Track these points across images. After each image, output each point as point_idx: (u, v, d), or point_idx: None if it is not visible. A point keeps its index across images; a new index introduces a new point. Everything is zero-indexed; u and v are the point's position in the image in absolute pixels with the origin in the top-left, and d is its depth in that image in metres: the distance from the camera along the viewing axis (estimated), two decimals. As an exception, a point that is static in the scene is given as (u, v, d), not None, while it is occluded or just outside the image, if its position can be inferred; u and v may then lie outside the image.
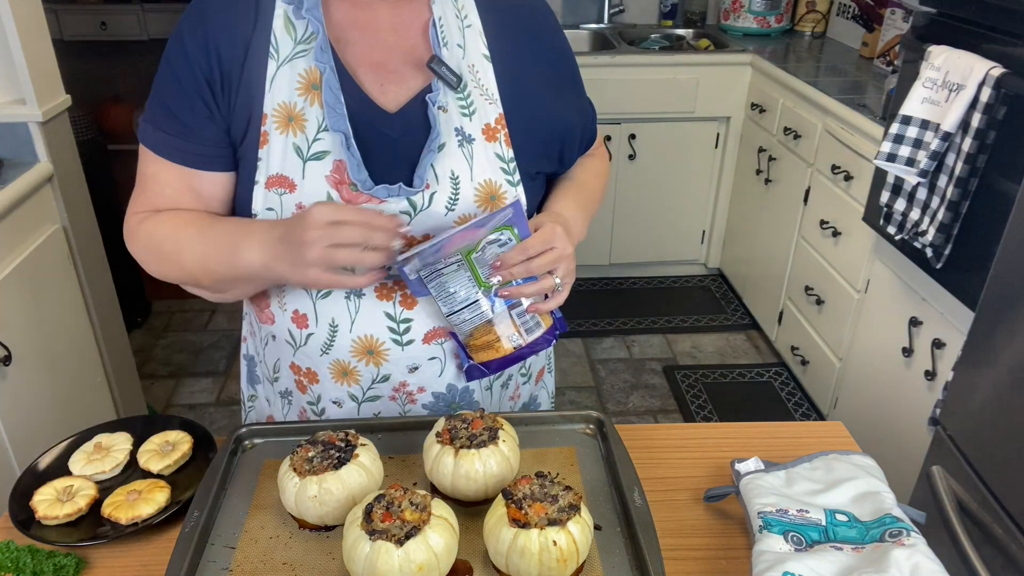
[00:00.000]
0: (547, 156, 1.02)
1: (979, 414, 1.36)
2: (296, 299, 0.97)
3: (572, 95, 1.06)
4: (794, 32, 3.45)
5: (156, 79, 0.94)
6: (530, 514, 0.75)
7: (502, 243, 0.90)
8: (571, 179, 1.09)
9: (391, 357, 0.97)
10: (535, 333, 0.98)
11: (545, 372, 1.21)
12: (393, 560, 0.72)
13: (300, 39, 0.90)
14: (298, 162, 0.90)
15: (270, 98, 0.90)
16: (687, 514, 0.94)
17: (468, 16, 0.95)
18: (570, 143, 1.05)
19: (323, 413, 1.04)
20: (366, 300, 0.95)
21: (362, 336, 0.96)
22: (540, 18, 1.02)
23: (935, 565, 0.75)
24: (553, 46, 1.02)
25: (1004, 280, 1.31)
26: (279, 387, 1.07)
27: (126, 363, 2.33)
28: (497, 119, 0.95)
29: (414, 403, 1.02)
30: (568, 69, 1.05)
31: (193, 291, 1.00)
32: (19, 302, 1.76)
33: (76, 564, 0.85)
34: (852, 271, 2.32)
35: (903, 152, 1.77)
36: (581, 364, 2.99)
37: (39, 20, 1.89)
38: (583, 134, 1.08)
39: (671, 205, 3.38)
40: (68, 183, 1.99)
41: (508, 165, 0.96)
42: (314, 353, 0.99)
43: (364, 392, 1.01)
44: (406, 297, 0.96)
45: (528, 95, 0.98)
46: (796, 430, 1.12)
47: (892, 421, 2.09)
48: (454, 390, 1.03)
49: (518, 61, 0.97)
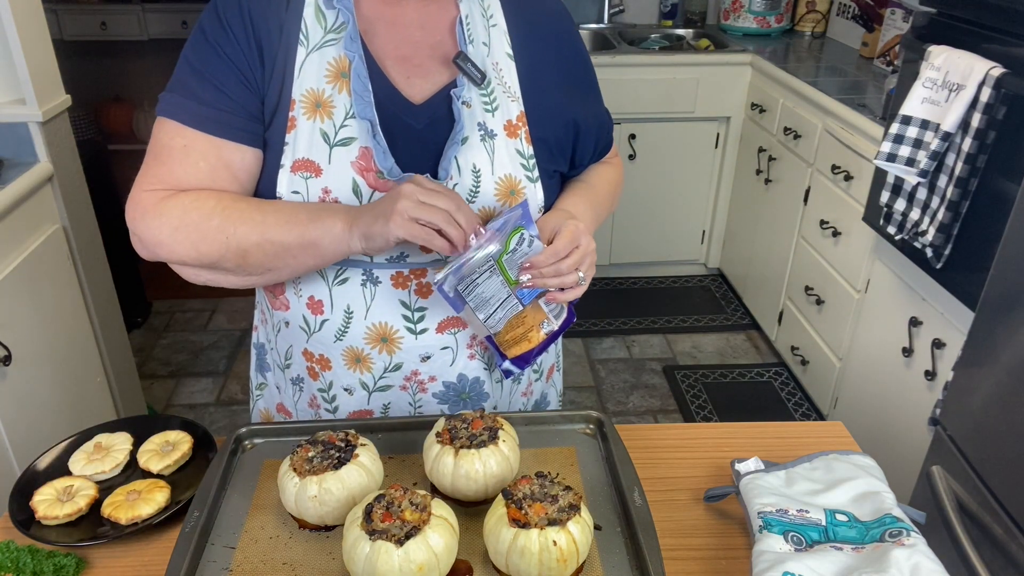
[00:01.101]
0: (562, 155, 1.05)
1: (979, 414, 1.36)
2: (312, 285, 0.98)
3: (589, 99, 1.08)
4: (794, 32, 3.45)
5: (187, 50, 0.93)
6: (530, 514, 0.75)
7: (524, 239, 0.92)
8: (584, 181, 1.11)
9: (404, 345, 0.99)
10: (561, 318, 1.00)
11: (555, 370, 1.22)
12: (393, 560, 0.72)
13: (330, 28, 0.93)
14: (324, 147, 0.92)
15: (299, 84, 0.92)
16: (687, 514, 0.94)
17: (494, 16, 0.98)
18: (583, 146, 1.07)
19: (334, 400, 1.05)
20: (382, 288, 0.96)
21: (377, 323, 0.97)
22: (562, 24, 1.05)
23: (935, 565, 0.75)
24: (573, 51, 1.05)
25: (1004, 280, 1.31)
26: (291, 374, 1.08)
27: (126, 363, 2.33)
28: (518, 116, 0.97)
29: (425, 392, 1.03)
30: (586, 74, 1.08)
31: (208, 277, 0.95)
32: (19, 302, 1.76)
33: (76, 564, 0.85)
34: (852, 271, 2.32)
35: (903, 152, 1.77)
36: (581, 364, 2.98)
37: (39, 20, 1.89)
38: (598, 140, 1.10)
39: (671, 205, 3.38)
40: (68, 183, 1.99)
41: (528, 162, 0.98)
42: (328, 339, 1.00)
43: (376, 380, 1.01)
44: (421, 286, 0.97)
45: (547, 95, 1.00)
46: (796, 430, 1.12)
47: (892, 421, 2.09)
48: (465, 380, 1.04)
49: (540, 62, 1.00)
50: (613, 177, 1.16)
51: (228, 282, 0.96)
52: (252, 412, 1.20)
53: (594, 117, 1.08)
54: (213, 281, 0.96)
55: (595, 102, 1.10)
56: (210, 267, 0.93)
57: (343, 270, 0.96)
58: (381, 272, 0.96)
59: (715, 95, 3.14)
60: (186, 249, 0.92)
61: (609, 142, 1.14)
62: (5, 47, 1.81)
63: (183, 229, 0.91)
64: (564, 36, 1.04)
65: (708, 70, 3.10)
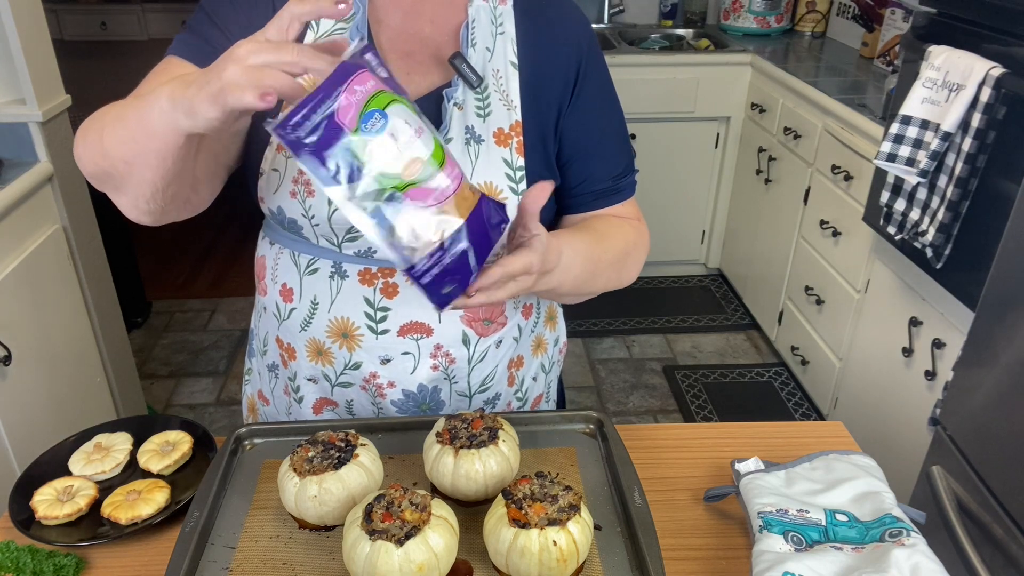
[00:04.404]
0: (554, 174, 1.00)
1: (979, 414, 1.36)
2: (286, 272, 0.98)
3: (601, 120, 1.03)
4: (794, 32, 3.45)
5: (194, 17, 0.93)
6: (530, 514, 0.75)
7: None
8: (597, 231, 0.99)
9: (364, 344, 0.98)
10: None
11: (542, 401, 1.17)
12: (393, 560, 0.72)
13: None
14: None
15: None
16: (687, 514, 0.94)
17: (504, 24, 0.97)
18: (586, 169, 1.01)
19: (299, 391, 1.05)
20: (348, 282, 0.96)
21: (339, 317, 0.97)
22: (580, 39, 1.00)
23: (935, 565, 0.75)
24: (589, 67, 1.00)
25: (1004, 280, 1.31)
26: (267, 360, 1.09)
27: (126, 363, 2.33)
28: (512, 126, 0.95)
29: (383, 398, 1.01)
30: (600, 93, 1.02)
31: (117, 198, 0.87)
32: (19, 302, 1.76)
33: (76, 564, 0.85)
34: (852, 271, 2.32)
35: (903, 152, 1.77)
36: (581, 364, 2.98)
37: (39, 20, 1.89)
38: (607, 167, 1.02)
39: (671, 205, 3.38)
40: (68, 183, 1.99)
41: (515, 172, 0.95)
42: (295, 328, 1.00)
43: (336, 376, 1.01)
44: (388, 285, 0.95)
45: (548, 109, 0.97)
46: (796, 430, 1.12)
47: (892, 421, 2.09)
48: (425, 391, 1.02)
49: (546, 75, 0.97)
50: (631, 239, 1.03)
51: (125, 204, 0.87)
52: (243, 397, 1.21)
53: (604, 139, 1.02)
54: (124, 206, 0.87)
55: (609, 123, 1.03)
56: (102, 178, 0.85)
57: (314, 260, 0.96)
58: (350, 266, 0.95)
59: (715, 95, 3.14)
60: (84, 154, 0.84)
61: (622, 176, 1.05)
62: (5, 47, 1.81)
63: (85, 133, 0.84)
64: (580, 51, 0.99)
65: (708, 70, 3.10)
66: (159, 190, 0.83)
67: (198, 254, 3.80)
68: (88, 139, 0.84)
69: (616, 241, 1.01)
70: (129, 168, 0.81)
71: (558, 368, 1.21)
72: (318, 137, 0.67)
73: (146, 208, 0.87)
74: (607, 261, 0.99)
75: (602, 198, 1.04)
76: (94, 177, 0.86)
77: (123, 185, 0.84)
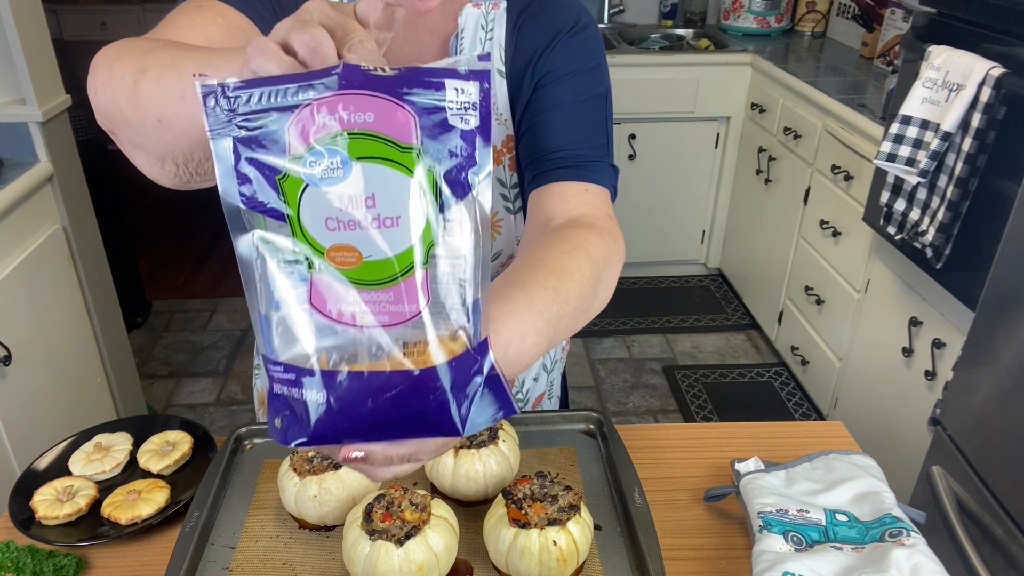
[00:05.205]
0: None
1: (979, 414, 1.36)
2: None
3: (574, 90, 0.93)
4: (794, 32, 3.45)
5: None
6: (530, 514, 0.76)
7: None
8: (554, 272, 0.72)
9: None
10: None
11: (545, 398, 1.16)
12: (393, 560, 0.72)
13: None
14: None
15: None
16: (687, 514, 0.94)
17: (494, 29, 0.92)
18: (544, 133, 0.90)
19: None
20: None
21: None
22: (576, 34, 0.93)
23: (935, 565, 0.75)
24: (582, 63, 0.92)
25: (1004, 280, 1.31)
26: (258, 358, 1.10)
27: (126, 363, 2.33)
28: (504, 142, 0.91)
29: None
30: (589, 84, 0.94)
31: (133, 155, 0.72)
32: (19, 302, 1.76)
33: (76, 564, 0.85)
34: (852, 271, 2.32)
35: (903, 152, 1.78)
36: (581, 364, 2.98)
37: (39, 20, 1.89)
38: (570, 143, 0.90)
39: (671, 205, 3.38)
40: (68, 183, 1.99)
41: (509, 191, 0.92)
42: None
43: None
44: None
45: (540, 116, 0.90)
46: (796, 430, 1.12)
47: (892, 421, 2.09)
48: None
49: (528, 46, 0.90)
50: (601, 257, 0.80)
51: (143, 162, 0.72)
52: (253, 392, 1.21)
53: (579, 109, 0.91)
54: (142, 164, 0.73)
55: (587, 95, 0.93)
56: (118, 124, 0.71)
57: None
58: None
59: (715, 95, 3.14)
60: (105, 82, 0.69)
61: (595, 159, 0.92)
62: (5, 47, 1.81)
63: (111, 59, 0.70)
64: (568, 23, 0.92)
65: (708, 70, 3.10)
66: (199, 161, 0.69)
67: (198, 254, 3.80)
68: (116, 72, 0.68)
69: (581, 275, 0.76)
70: (161, 128, 0.66)
71: (561, 365, 1.21)
72: (245, 134, 0.45)
73: (173, 171, 0.71)
74: (571, 308, 0.73)
75: (567, 168, 0.89)
76: (108, 118, 0.71)
77: (146, 143, 0.69)
